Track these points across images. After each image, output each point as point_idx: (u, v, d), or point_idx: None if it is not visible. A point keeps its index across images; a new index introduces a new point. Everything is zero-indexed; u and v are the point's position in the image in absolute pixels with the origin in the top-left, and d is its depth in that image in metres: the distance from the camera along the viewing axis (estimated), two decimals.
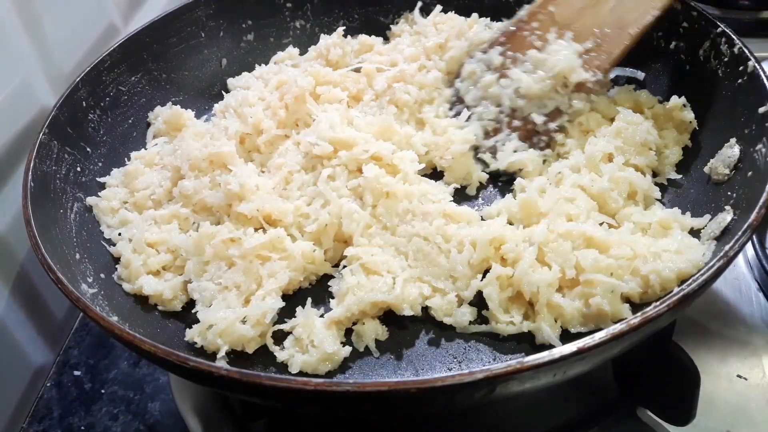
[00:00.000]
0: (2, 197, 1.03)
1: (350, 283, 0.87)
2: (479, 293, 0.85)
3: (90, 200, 1.02)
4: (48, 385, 1.06)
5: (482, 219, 0.96)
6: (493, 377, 0.61)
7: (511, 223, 0.93)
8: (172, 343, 0.87)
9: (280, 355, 0.84)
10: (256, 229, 0.94)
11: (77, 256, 0.92)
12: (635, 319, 0.64)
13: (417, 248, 0.91)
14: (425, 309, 0.87)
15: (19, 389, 1.07)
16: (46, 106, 1.09)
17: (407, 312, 0.85)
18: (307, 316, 0.86)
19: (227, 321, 0.84)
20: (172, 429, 0.99)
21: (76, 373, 1.07)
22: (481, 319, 0.86)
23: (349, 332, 0.87)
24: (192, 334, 0.85)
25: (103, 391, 1.05)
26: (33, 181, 0.91)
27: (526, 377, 0.62)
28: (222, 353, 0.83)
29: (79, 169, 1.04)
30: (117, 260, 0.96)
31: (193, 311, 0.90)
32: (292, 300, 0.91)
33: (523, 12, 1.11)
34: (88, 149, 1.07)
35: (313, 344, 0.83)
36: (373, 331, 0.86)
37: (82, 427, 1.00)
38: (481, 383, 0.61)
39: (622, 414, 0.88)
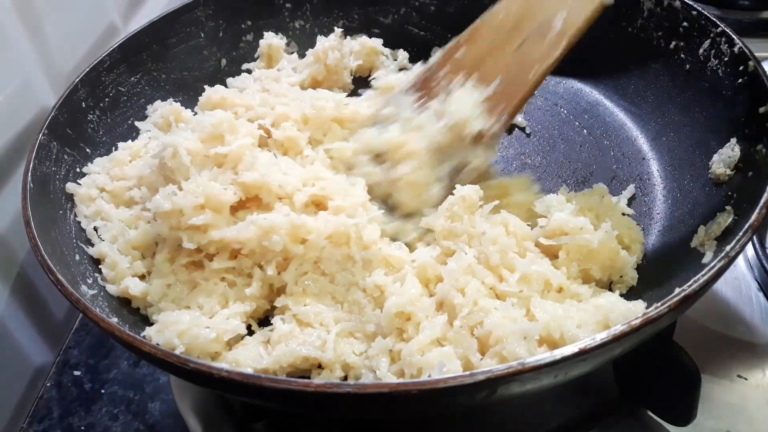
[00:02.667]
0: (2, 198, 1.03)
1: (282, 331, 0.83)
2: None
3: (69, 187, 1.00)
4: (48, 385, 1.06)
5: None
6: (495, 378, 0.61)
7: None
8: None
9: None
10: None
11: (77, 257, 0.92)
12: (636, 320, 0.64)
13: (353, 300, 0.86)
14: None
15: (19, 389, 1.07)
16: (46, 107, 1.09)
17: (339, 373, 0.81)
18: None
19: (189, 323, 0.82)
20: (172, 429, 0.99)
21: (76, 373, 1.07)
22: None
23: None
24: (150, 332, 0.83)
25: (103, 391, 1.04)
26: (32, 182, 0.91)
27: (527, 378, 0.62)
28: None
29: (78, 169, 1.04)
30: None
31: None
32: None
33: (433, 58, 1.06)
34: (88, 150, 1.07)
35: None
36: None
37: (82, 427, 1.00)
38: (482, 384, 0.61)
39: (623, 414, 0.88)
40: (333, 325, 0.84)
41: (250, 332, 0.88)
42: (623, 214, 0.97)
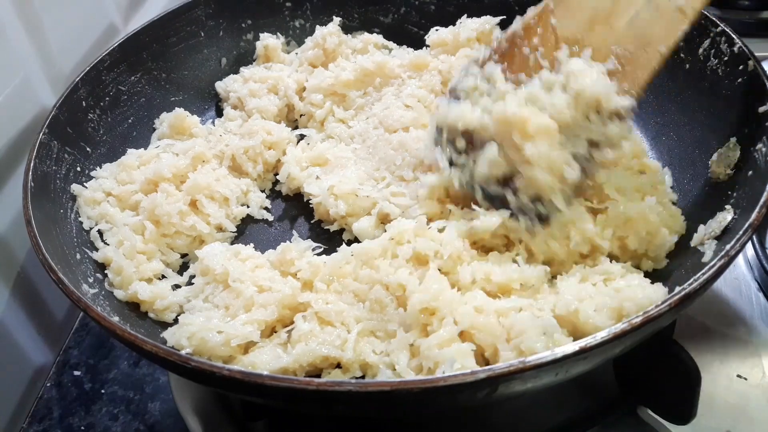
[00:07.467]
0: (2, 197, 1.03)
1: (303, 330, 0.83)
2: None
3: (74, 188, 1.00)
4: (48, 385, 1.06)
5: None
6: (495, 377, 0.61)
7: None
8: None
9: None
10: None
11: (78, 256, 0.93)
12: (637, 319, 0.64)
13: (376, 298, 0.85)
14: None
15: (19, 389, 1.07)
16: (46, 106, 1.09)
17: (357, 373, 0.82)
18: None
19: (199, 325, 0.83)
20: (172, 429, 0.99)
21: (76, 373, 1.07)
22: None
23: None
24: (167, 334, 0.85)
25: (103, 391, 1.04)
26: (33, 181, 0.91)
27: (528, 377, 0.62)
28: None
29: (79, 168, 1.04)
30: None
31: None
32: None
33: (517, 24, 0.93)
34: (88, 149, 1.07)
35: None
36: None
37: (82, 427, 1.00)
38: (483, 383, 0.61)
39: (623, 413, 0.88)
40: (354, 324, 0.84)
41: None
42: (673, 203, 0.97)
